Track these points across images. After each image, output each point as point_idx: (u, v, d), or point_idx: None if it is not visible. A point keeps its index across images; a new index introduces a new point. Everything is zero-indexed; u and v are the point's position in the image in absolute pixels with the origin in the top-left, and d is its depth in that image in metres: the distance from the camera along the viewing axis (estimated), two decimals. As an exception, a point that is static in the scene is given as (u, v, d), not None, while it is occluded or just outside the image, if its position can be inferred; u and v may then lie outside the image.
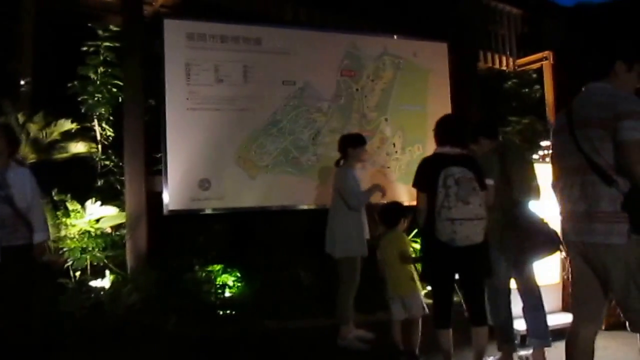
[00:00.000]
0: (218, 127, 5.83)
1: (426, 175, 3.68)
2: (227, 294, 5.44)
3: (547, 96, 11.35)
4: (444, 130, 3.89)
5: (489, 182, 3.93)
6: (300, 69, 6.29)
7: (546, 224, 3.97)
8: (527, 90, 10.76)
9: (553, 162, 3.11)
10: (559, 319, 5.20)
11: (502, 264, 4.00)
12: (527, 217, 3.94)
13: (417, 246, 5.00)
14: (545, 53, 11.53)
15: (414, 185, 3.84)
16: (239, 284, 5.48)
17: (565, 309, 5.46)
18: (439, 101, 7.09)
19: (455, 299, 3.80)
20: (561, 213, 2.99)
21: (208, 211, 5.75)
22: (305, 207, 6.13)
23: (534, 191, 4.17)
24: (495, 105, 9.02)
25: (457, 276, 3.77)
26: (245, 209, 5.92)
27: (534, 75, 11.54)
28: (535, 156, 6.30)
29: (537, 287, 4.11)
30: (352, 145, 4.77)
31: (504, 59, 11.65)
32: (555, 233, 3.93)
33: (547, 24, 13.04)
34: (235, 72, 5.97)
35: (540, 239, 3.90)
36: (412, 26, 7.20)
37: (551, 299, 5.34)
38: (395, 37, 6.99)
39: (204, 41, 5.85)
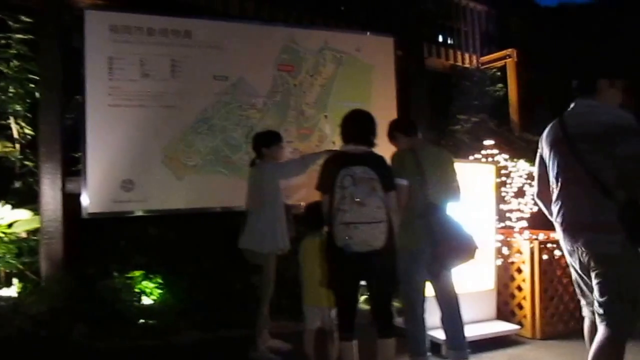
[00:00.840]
0: (143, 125, 5.57)
1: (327, 176, 3.43)
2: (148, 301, 5.10)
3: (511, 94, 11.20)
4: (348, 127, 3.64)
5: (402, 182, 3.70)
6: (233, 63, 6.04)
7: (464, 228, 3.70)
8: (490, 88, 10.48)
9: (545, 173, 3.28)
10: (493, 327, 4.97)
11: (418, 270, 3.77)
12: (442, 220, 3.70)
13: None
14: (509, 51, 11.38)
15: (317, 187, 3.57)
16: (160, 291, 5.14)
17: (500, 316, 5.19)
18: (383, 98, 6.87)
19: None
20: (563, 221, 3.14)
21: (132, 214, 5.48)
22: (237, 208, 5.80)
23: (453, 192, 3.90)
24: (448, 103, 8.72)
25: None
26: (171, 212, 5.65)
27: (498, 73, 11.35)
28: (477, 155, 6.04)
29: (455, 295, 3.90)
30: (265, 144, 4.52)
31: (467, 56, 11.49)
32: (472, 238, 3.68)
33: (512, 21, 12.89)
34: (163, 67, 5.69)
35: (455, 244, 3.75)
36: (356, 19, 6.90)
37: (485, 307, 5.12)
38: (336, 30, 6.67)
39: (128, 34, 5.57)
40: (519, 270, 5.21)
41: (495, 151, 6.16)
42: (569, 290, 5.23)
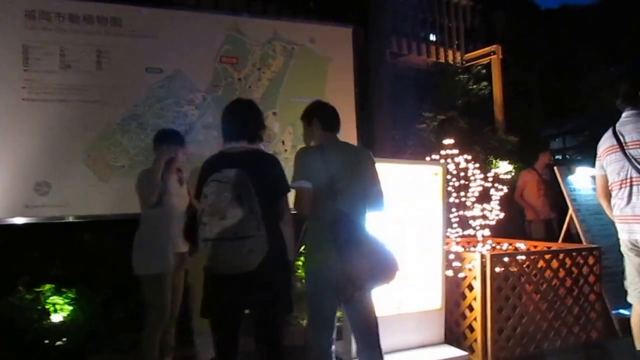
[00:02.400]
0: (62, 121, 5.06)
1: (198, 183, 2.82)
2: (58, 319, 4.48)
3: (495, 92, 10.55)
4: (223, 121, 3.02)
5: (302, 185, 3.19)
6: (169, 54, 5.53)
7: (382, 243, 3.21)
8: (474, 86, 9.81)
9: (605, 177, 4.15)
10: (437, 353, 4.34)
11: (325, 293, 3.21)
12: (355, 233, 3.19)
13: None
14: (493, 47, 10.75)
15: (194, 196, 2.96)
16: (71, 308, 4.53)
17: (450, 339, 4.54)
18: (340, 94, 6.31)
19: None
20: (621, 216, 3.93)
21: (47, 220, 4.92)
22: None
23: (373, 199, 3.28)
24: (426, 101, 8.06)
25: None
26: (93, 217, 5.10)
27: (483, 71, 10.71)
28: (435, 156, 5.39)
29: (375, 322, 3.36)
30: (163, 142, 3.87)
31: (450, 53, 10.86)
32: (392, 255, 3.05)
33: (498, 17, 12.23)
34: (87, 57, 5.20)
35: (371, 262, 3.22)
36: (310, 8, 6.27)
37: (431, 329, 4.51)
38: (287, 20, 6.07)
39: (47, 20, 5.06)
40: (470, 287, 4.56)
41: (455, 151, 5.50)
42: (529, 308, 4.59)
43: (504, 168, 8.30)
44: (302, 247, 3.45)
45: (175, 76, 5.49)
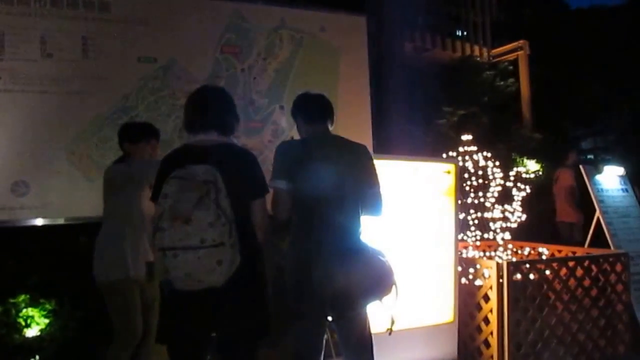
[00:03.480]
0: (44, 114, 4.55)
1: (157, 181, 2.45)
2: (32, 333, 4.00)
3: (522, 89, 9.93)
4: (187, 110, 2.45)
5: (278, 184, 2.75)
6: (164, 42, 5.00)
7: (378, 252, 2.78)
8: (502, 83, 9.18)
9: None
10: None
11: (311, 314, 2.77)
12: (344, 242, 2.75)
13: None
14: (521, 42, 10.13)
15: (151, 197, 2.43)
16: (48, 321, 4.04)
17: (465, 355, 3.92)
18: (353, 87, 5.79)
19: None
20: None
21: (26, 223, 4.40)
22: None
23: (370, 203, 2.90)
24: (450, 97, 7.43)
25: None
26: (79, 220, 4.54)
27: (510, 67, 10.11)
28: (452, 153, 4.78)
29: (370, 342, 2.88)
30: (129, 139, 3.37)
31: (476, 48, 10.27)
32: (388, 266, 2.72)
33: (526, 12, 11.61)
34: (71, 45, 4.70)
35: (365, 276, 2.69)
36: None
37: (443, 344, 3.90)
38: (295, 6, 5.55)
39: (27, 5, 4.54)
40: (486, 298, 3.93)
41: (473, 148, 4.87)
42: (550, 321, 3.94)
43: (531, 167, 7.63)
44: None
45: (171, 66, 4.96)
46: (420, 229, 3.83)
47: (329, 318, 2.79)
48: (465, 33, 10.11)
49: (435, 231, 3.91)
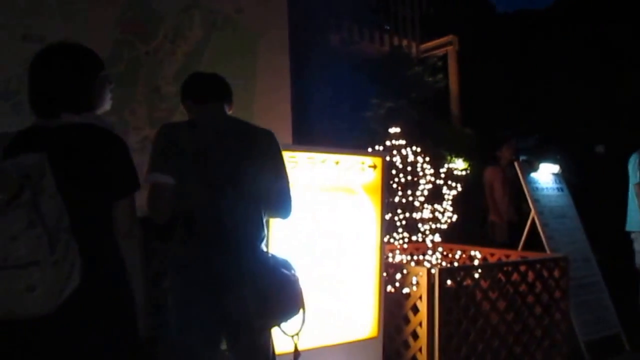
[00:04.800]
0: None
1: None
2: None
3: (451, 85, 9.59)
4: (35, 78, 1.88)
5: (156, 178, 2.16)
6: (52, 19, 4.20)
7: (280, 264, 2.26)
8: (430, 78, 8.78)
9: None
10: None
11: (199, 345, 2.18)
12: (244, 251, 2.20)
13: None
14: (450, 37, 9.78)
15: None
16: None
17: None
18: (274, 76, 5.16)
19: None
20: None
21: None
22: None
23: (275, 201, 2.37)
24: (376, 91, 6.95)
25: None
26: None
27: (439, 63, 9.75)
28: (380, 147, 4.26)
29: None
30: None
31: (405, 42, 9.87)
32: (295, 278, 2.25)
33: (454, 8, 11.36)
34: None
35: (266, 293, 2.15)
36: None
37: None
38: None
39: None
40: (415, 309, 3.42)
41: (402, 142, 4.37)
42: (485, 333, 3.49)
43: (459, 164, 7.27)
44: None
45: (62, 46, 4.23)
46: (340, 231, 3.27)
47: (223, 347, 2.21)
48: (392, 27, 9.71)
49: (358, 233, 3.36)
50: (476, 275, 3.62)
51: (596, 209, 5.71)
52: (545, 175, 5.23)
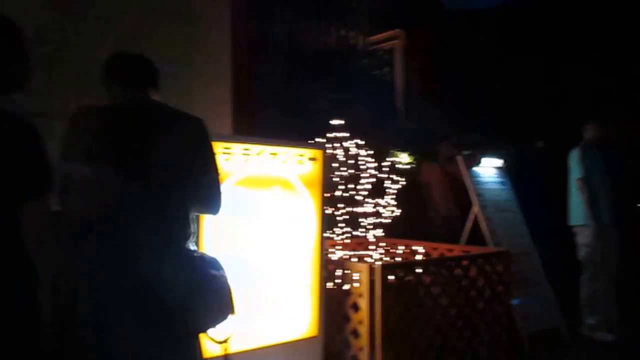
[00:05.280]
0: None
1: None
2: None
3: (397, 79, 9.47)
4: None
5: (69, 167, 1.89)
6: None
7: (208, 264, 2.04)
8: (377, 71, 8.63)
9: None
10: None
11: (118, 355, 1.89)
12: (167, 250, 1.95)
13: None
14: (397, 31, 9.66)
15: None
16: None
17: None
18: (213, 63, 4.81)
19: None
20: None
21: None
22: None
23: (203, 196, 2.13)
24: (315, 82, 6.72)
25: None
26: None
27: (386, 57, 9.62)
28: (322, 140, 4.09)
29: None
30: None
31: (353, 34, 9.65)
32: (226, 284, 2.04)
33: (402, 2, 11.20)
34: None
35: (191, 297, 1.93)
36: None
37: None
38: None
39: None
40: (356, 307, 3.25)
41: (345, 134, 4.20)
42: (428, 331, 3.37)
43: (403, 159, 7.16)
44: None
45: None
46: (277, 227, 3.06)
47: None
48: (342, 18, 9.52)
49: (296, 229, 3.16)
50: (419, 271, 3.48)
51: (538, 203, 5.70)
52: (488, 170, 5.17)
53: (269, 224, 3.02)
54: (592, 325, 4.84)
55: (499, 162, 5.29)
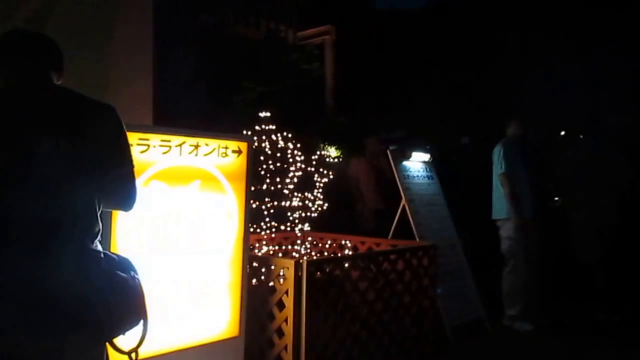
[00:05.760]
0: None
1: None
2: None
3: (327, 74, 9.43)
4: None
5: None
6: None
7: (116, 265, 1.83)
8: (307, 66, 8.52)
9: None
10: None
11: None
12: (71, 250, 1.72)
13: None
14: (327, 27, 9.61)
15: None
16: None
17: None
18: (131, 51, 4.47)
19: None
20: None
21: None
22: None
23: (115, 190, 1.93)
24: (242, 74, 6.54)
25: None
26: None
27: (316, 52, 9.54)
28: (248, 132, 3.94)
29: None
30: None
31: (282, 28, 9.54)
32: (138, 287, 1.85)
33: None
34: None
35: (97, 301, 1.72)
36: None
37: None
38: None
39: None
40: (281, 305, 3.12)
41: (272, 127, 4.06)
42: (354, 326, 3.29)
43: (332, 152, 7.10)
44: None
45: None
46: (197, 223, 2.87)
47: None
48: (271, 12, 9.37)
49: (217, 224, 2.98)
50: (346, 266, 3.39)
51: (462, 197, 5.76)
52: (416, 164, 5.16)
53: (186, 220, 2.83)
54: (513, 316, 4.92)
55: (427, 157, 5.29)
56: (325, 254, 4.32)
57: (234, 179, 3.05)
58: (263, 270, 3.34)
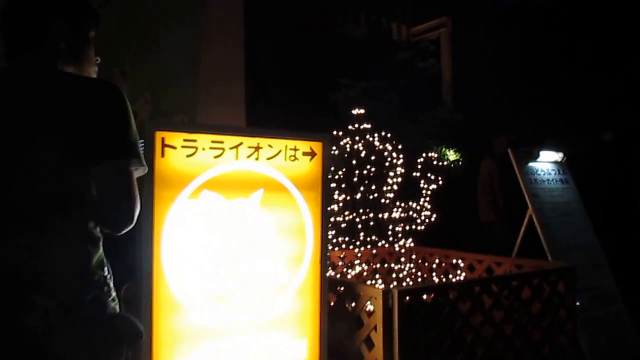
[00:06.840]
0: None
1: None
2: None
3: (444, 71, 8.60)
4: None
5: None
6: None
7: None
8: (421, 63, 7.84)
9: None
10: None
11: None
12: (64, 276, 1.27)
13: None
14: (443, 19, 8.81)
15: None
16: None
17: None
18: (223, 50, 4.09)
19: None
20: None
21: None
22: None
23: (105, 199, 1.38)
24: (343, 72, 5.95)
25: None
26: None
27: (432, 47, 8.80)
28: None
29: None
30: None
31: (395, 25, 8.93)
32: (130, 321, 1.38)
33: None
34: None
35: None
36: None
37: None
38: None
39: None
40: (368, 341, 2.44)
41: (367, 126, 3.39)
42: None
43: (450, 155, 6.28)
44: None
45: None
46: (256, 244, 2.25)
47: None
48: (381, 10, 8.76)
49: (283, 244, 2.34)
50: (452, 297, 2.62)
51: (604, 203, 4.71)
52: (546, 165, 4.20)
53: (244, 241, 2.23)
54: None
55: (560, 156, 4.29)
56: (434, 275, 3.57)
57: (307, 187, 2.41)
58: (350, 298, 2.68)
